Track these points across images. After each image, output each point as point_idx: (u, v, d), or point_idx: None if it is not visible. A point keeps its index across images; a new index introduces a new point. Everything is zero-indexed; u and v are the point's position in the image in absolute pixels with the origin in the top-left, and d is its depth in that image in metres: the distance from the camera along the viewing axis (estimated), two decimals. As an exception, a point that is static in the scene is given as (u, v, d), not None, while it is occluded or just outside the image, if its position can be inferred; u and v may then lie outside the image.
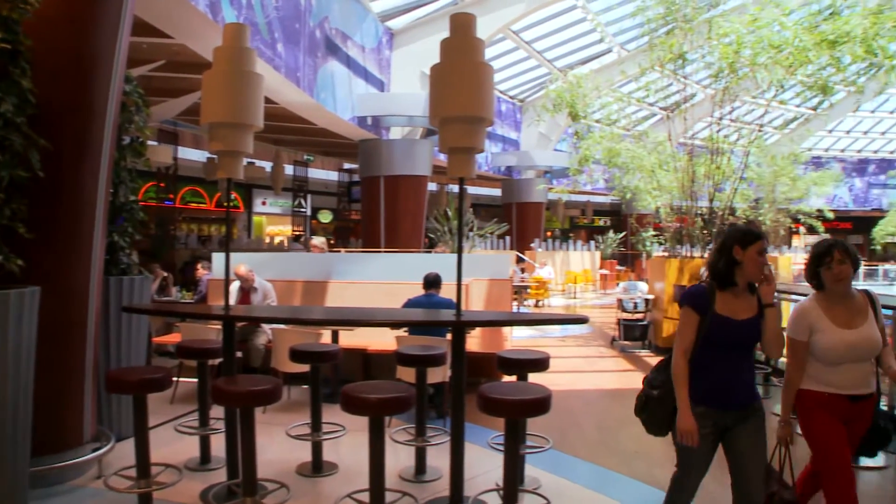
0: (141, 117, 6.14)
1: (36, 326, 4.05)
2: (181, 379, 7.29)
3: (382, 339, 7.21)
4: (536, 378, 4.66)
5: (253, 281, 7.86)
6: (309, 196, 23.77)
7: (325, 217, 28.36)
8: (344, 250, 17.56)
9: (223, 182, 16.55)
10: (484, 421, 5.58)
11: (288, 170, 21.27)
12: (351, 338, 7.32)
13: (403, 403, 3.76)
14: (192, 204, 22.89)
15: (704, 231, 11.55)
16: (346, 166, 23.68)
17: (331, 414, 5.44)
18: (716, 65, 10.68)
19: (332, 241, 21.70)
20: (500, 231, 18.10)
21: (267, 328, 7.78)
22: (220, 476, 4.86)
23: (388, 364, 6.24)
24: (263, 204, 26.36)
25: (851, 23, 9.18)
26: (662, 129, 12.93)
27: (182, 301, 10.56)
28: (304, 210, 24.19)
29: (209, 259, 10.48)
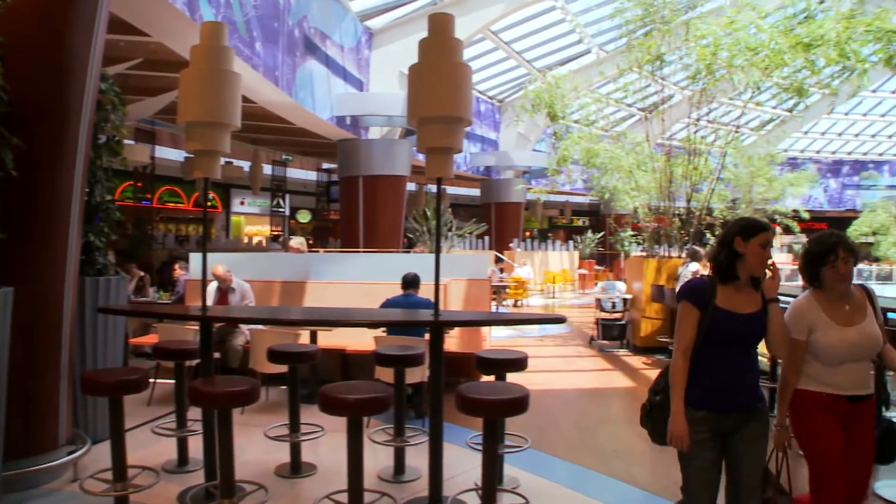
0: (117, 116, 6.08)
1: (9, 328, 4.00)
2: (158, 380, 7.24)
3: (361, 340, 7.19)
4: (515, 378, 4.66)
5: (231, 281, 7.81)
6: (287, 196, 23.71)
7: (304, 217, 28.26)
8: (322, 250, 17.51)
9: (200, 182, 16.44)
10: (463, 421, 5.59)
11: (266, 169, 21.22)
12: (329, 338, 7.29)
13: (381, 404, 3.76)
14: (170, 204, 22.71)
15: (682, 231, 11.67)
16: (325, 166, 23.63)
17: (309, 415, 5.42)
18: (693, 66, 10.80)
19: (311, 241, 21.66)
20: (479, 231, 18.11)
21: (245, 329, 7.74)
22: (198, 478, 4.82)
23: (367, 364, 6.22)
24: (242, 204, 26.22)
25: (825, 27, 9.35)
26: (640, 130, 13.05)
27: (159, 302, 10.49)
28: (283, 210, 24.11)
29: (187, 259, 10.41)
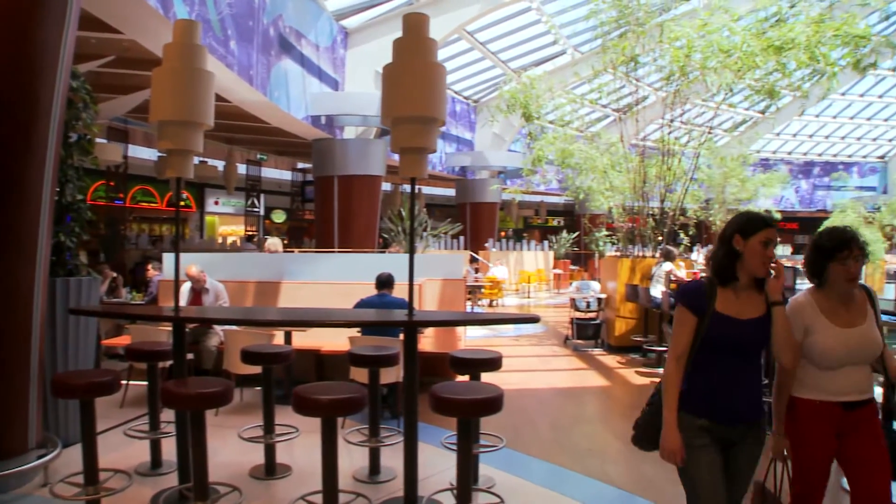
0: (88, 114, 5.99)
1: (-23, 329, 3.93)
2: (131, 382, 7.17)
3: (336, 340, 7.18)
4: (489, 377, 4.68)
5: (205, 282, 7.75)
6: (262, 196, 23.53)
7: (279, 217, 28.12)
8: (297, 250, 17.43)
9: (174, 181, 16.23)
10: (438, 421, 5.58)
11: (241, 169, 21.04)
12: (304, 339, 7.26)
13: (356, 404, 3.75)
14: (143, 203, 22.50)
15: (656, 231, 11.78)
16: (300, 166, 23.49)
17: (284, 415, 5.40)
18: (667, 68, 10.93)
19: (286, 241, 21.53)
20: (454, 231, 18.15)
21: (219, 329, 7.68)
22: (172, 480, 4.78)
23: (342, 365, 6.21)
24: (216, 203, 26.02)
25: (796, 30, 9.51)
26: (615, 131, 13.16)
27: (132, 303, 10.38)
28: (258, 210, 23.94)
29: (160, 259, 10.32)
